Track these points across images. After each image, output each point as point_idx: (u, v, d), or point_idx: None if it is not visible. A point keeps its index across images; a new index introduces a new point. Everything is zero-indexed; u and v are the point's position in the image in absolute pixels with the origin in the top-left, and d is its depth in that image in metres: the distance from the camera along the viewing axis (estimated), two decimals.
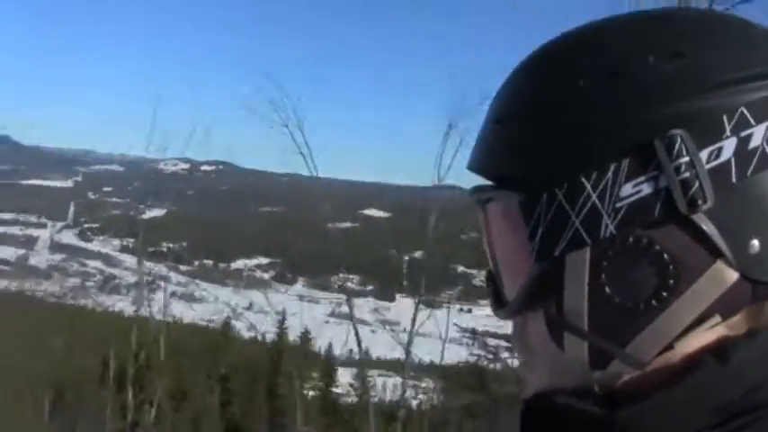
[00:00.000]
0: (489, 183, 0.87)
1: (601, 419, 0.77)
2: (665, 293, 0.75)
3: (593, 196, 0.76)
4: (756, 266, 0.74)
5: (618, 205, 0.75)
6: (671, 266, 0.74)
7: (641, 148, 0.75)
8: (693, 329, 0.76)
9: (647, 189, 0.74)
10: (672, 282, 0.75)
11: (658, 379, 0.77)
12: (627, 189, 0.75)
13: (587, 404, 0.79)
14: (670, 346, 0.76)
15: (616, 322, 0.77)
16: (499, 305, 0.89)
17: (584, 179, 0.77)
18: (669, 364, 0.77)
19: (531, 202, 0.80)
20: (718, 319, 0.76)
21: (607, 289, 0.77)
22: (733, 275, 0.74)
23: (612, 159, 0.75)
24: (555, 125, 0.80)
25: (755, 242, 0.74)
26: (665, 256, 0.74)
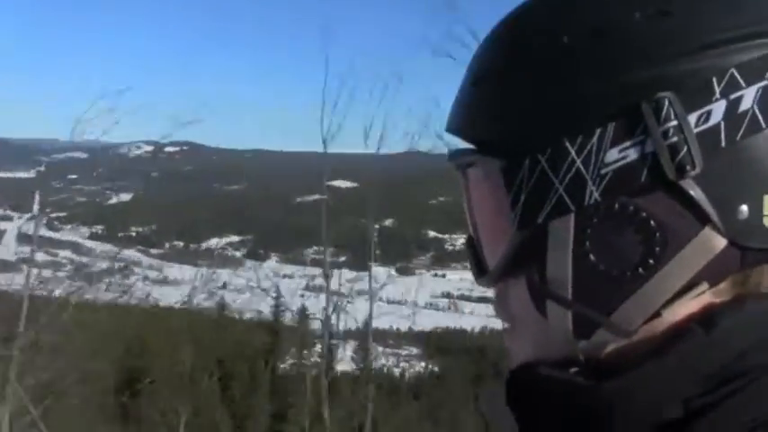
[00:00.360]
0: (469, 146, 0.85)
1: (587, 391, 0.76)
2: (651, 261, 0.74)
3: (578, 162, 0.74)
4: (745, 233, 0.73)
5: (603, 171, 0.73)
6: (657, 233, 0.73)
7: (628, 111, 0.73)
8: (681, 297, 0.75)
9: (633, 154, 0.72)
10: (658, 249, 0.73)
11: (644, 348, 0.76)
12: (612, 154, 0.73)
13: (572, 375, 0.78)
14: (657, 314, 0.75)
15: (601, 290, 0.76)
16: (481, 272, 0.88)
17: (568, 144, 0.75)
18: (655, 333, 0.76)
19: (512, 168, 0.78)
20: (705, 286, 0.75)
21: (592, 256, 0.75)
22: (721, 242, 0.73)
23: (598, 123, 0.73)
24: (537, 86, 0.78)
25: (744, 208, 0.72)
26: (652, 222, 0.73)
